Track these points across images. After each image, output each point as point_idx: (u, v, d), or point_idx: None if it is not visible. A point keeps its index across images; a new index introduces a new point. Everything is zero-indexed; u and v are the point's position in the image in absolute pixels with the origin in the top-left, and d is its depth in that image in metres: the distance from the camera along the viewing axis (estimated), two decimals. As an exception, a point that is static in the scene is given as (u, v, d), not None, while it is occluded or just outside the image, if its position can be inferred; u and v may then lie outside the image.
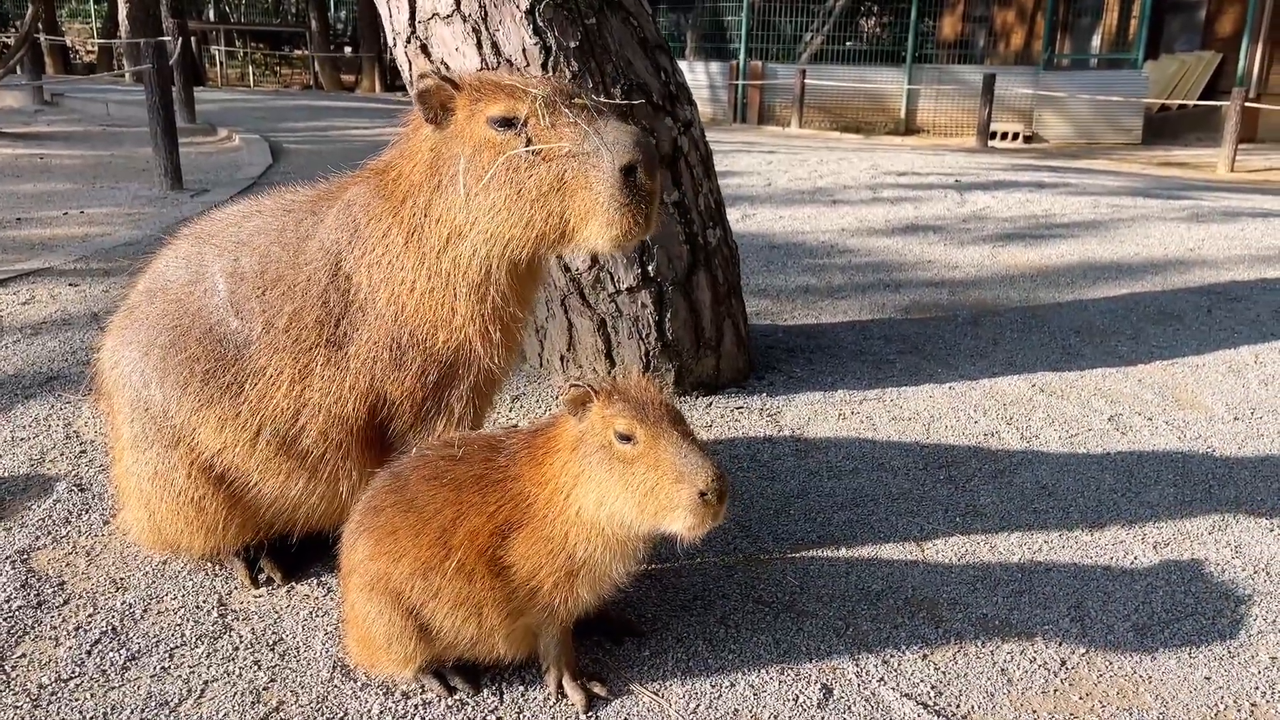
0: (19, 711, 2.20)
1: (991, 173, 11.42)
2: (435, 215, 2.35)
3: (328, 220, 2.48)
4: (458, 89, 2.31)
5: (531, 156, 2.23)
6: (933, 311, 5.64)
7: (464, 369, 2.44)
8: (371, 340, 2.40)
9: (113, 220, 7.87)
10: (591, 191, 2.22)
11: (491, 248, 2.34)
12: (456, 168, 2.30)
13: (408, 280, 2.38)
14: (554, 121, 2.22)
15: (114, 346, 2.62)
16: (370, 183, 2.48)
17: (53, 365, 4.38)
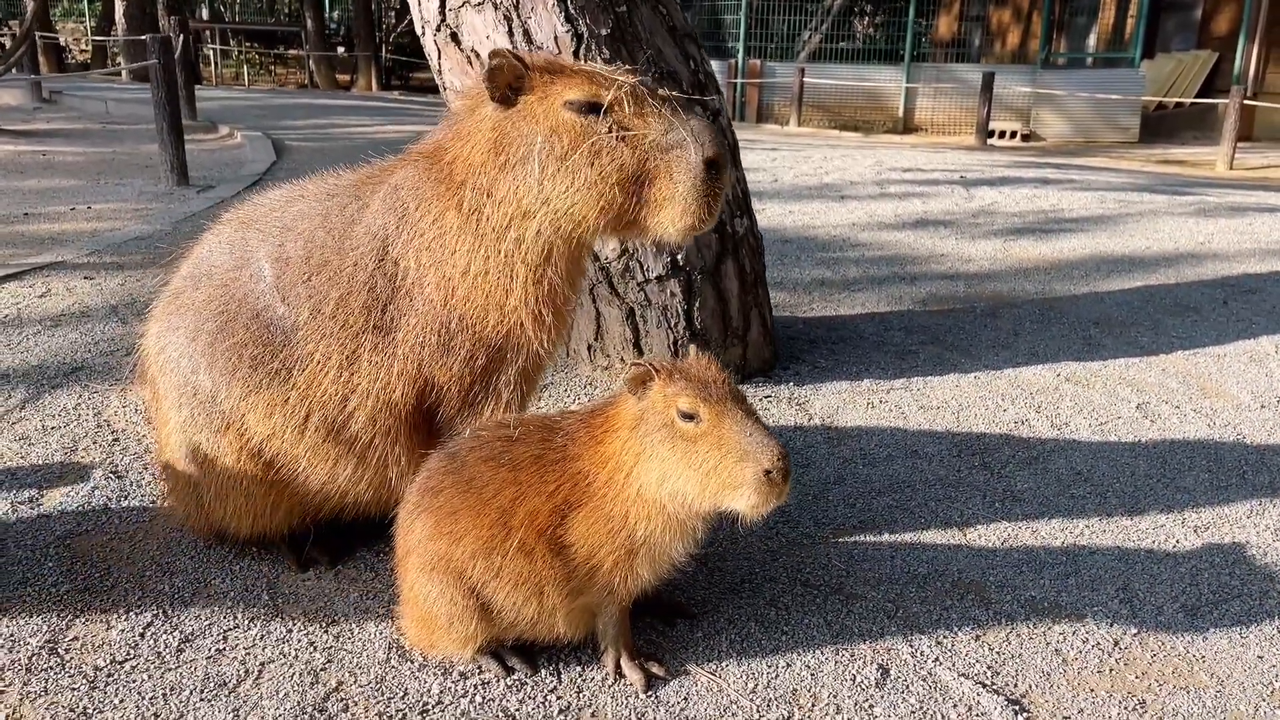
0: (76, 694, 2.19)
1: (995, 169, 11.45)
2: (500, 195, 2.33)
3: (374, 204, 2.46)
4: (528, 69, 2.31)
5: (615, 142, 2.24)
6: (950, 304, 5.65)
7: (513, 353, 2.42)
8: (419, 325, 2.38)
9: (120, 215, 7.83)
10: (673, 180, 2.25)
11: (558, 229, 2.33)
12: (528, 148, 2.28)
13: (461, 263, 2.36)
14: (640, 110, 2.24)
15: (159, 332, 2.60)
16: (418, 165, 2.47)
17: (76, 356, 4.35)
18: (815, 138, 16.44)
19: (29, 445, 3.44)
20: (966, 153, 14.67)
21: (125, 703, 2.16)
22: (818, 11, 23.12)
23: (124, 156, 11.42)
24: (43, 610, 2.49)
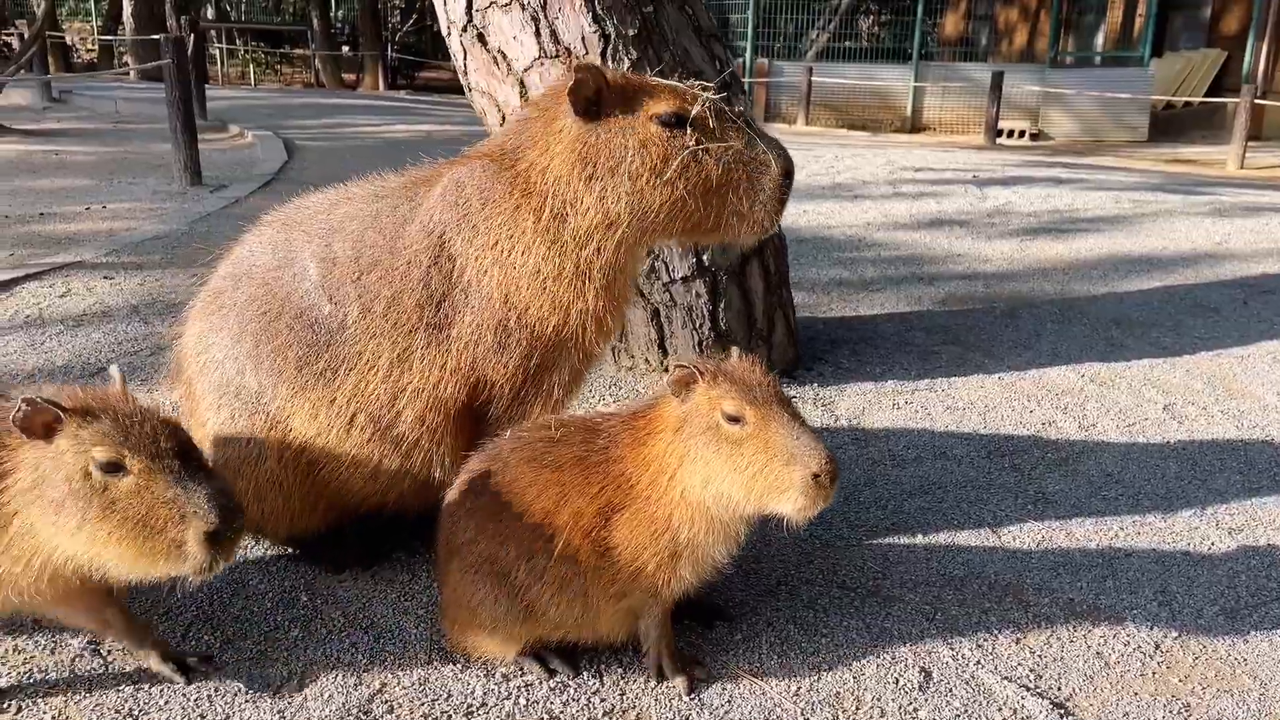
0: (121, 695, 2.19)
1: (1006, 169, 11.43)
2: (584, 205, 2.39)
3: (429, 203, 2.47)
4: (607, 84, 2.34)
5: (702, 154, 2.36)
6: (969, 304, 5.64)
7: (569, 352, 2.45)
8: (475, 323, 2.39)
9: (135, 215, 7.84)
10: (753, 190, 2.42)
11: (640, 236, 2.44)
12: (617, 160, 2.35)
13: (531, 265, 2.38)
14: (722, 124, 2.38)
15: (200, 333, 2.60)
16: (483, 167, 2.48)
17: (100, 356, 4.36)
18: (824, 137, 16.42)
19: (59, 446, 3.44)
20: (976, 152, 14.65)
21: (170, 704, 2.16)
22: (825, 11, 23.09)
23: (136, 156, 11.43)
24: (83, 611, 2.49)
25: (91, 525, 1.79)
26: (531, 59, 3.76)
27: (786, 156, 2.54)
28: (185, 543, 1.80)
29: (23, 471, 1.89)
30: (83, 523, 1.80)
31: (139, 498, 1.79)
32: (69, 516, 1.81)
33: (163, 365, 4.24)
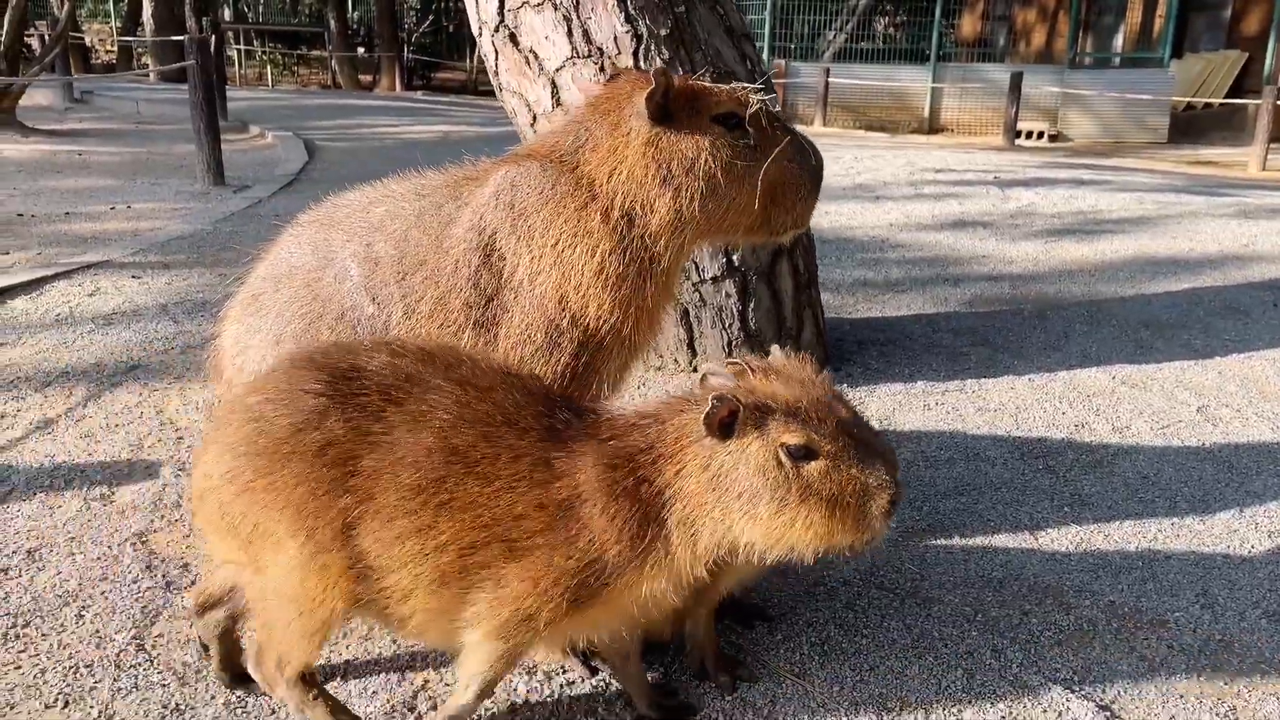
0: (167, 690, 2.20)
1: (1027, 170, 11.38)
2: (658, 205, 2.42)
3: (478, 202, 2.47)
4: (673, 88, 2.40)
5: (761, 152, 2.44)
6: (996, 305, 5.61)
7: (619, 349, 2.46)
8: (526, 322, 2.40)
9: (160, 215, 7.89)
10: (797, 186, 2.52)
11: (702, 236, 2.51)
12: (690, 160, 2.40)
13: (595, 264, 2.40)
14: (772, 123, 2.48)
15: (239, 334, 2.60)
16: (539, 167, 2.48)
17: (132, 354, 4.39)
18: (843, 138, 16.38)
19: (95, 443, 3.47)
20: (996, 153, 14.58)
21: (216, 699, 2.18)
22: (842, 11, 23.04)
23: (158, 156, 11.51)
24: (126, 607, 2.50)
25: (789, 511, 1.82)
26: (563, 59, 3.77)
27: (818, 152, 2.65)
28: (871, 515, 1.85)
29: (690, 470, 1.87)
30: (780, 510, 1.82)
31: (829, 478, 1.83)
32: (762, 506, 1.82)
33: (194, 364, 4.27)
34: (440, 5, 36.54)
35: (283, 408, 1.86)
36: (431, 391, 1.89)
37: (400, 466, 1.82)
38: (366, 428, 1.84)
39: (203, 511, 1.96)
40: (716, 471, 1.84)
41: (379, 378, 1.90)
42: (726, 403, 1.80)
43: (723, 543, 1.87)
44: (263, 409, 1.88)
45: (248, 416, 1.88)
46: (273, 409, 1.87)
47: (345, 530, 1.81)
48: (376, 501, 1.81)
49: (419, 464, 1.82)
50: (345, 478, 1.82)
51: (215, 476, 1.89)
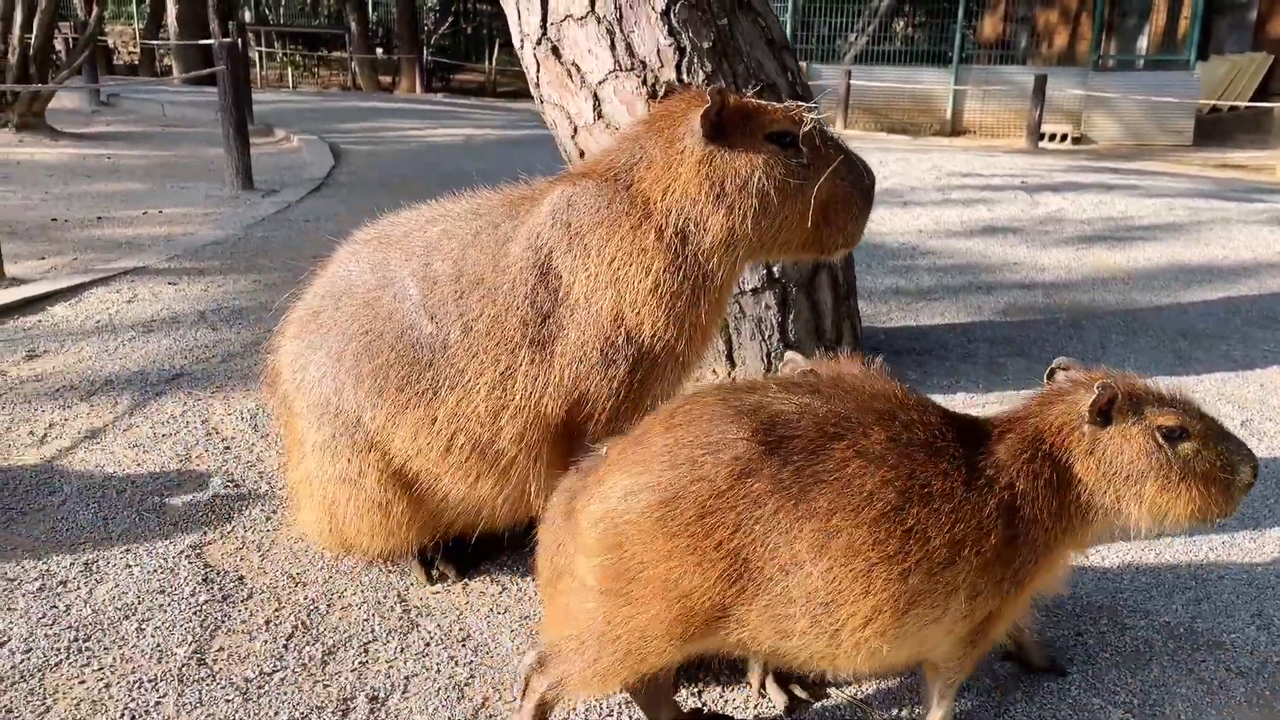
0: (230, 705, 2.23)
1: (1053, 174, 11.32)
2: (711, 224, 2.44)
3: (535, 221, 2.49)
4: (728, 106, 2.39)
5: (811, 172, 2.44)
6: (1030, 314, 5.59)
7: (672, 366, 2.47)
8: (581, 339, 2.41)
9: (191, 220, 7.95)
10: (849, 206, 2.53)
11: (754, 253, 2.53)
12: (744, 178, 2.42)
13: (650, 282, 2.41)
14: (825, 142, 2.45)
15: (298, 351, 2.62)
16: (594, 186, 2.50)
17: (174, 363, 4.42)
18: (865, 141, 16.34)
19: (144, 453, 3.50)
20: (1020, 156, 14.51)
21: (280, 714, 2.20)
22: (863, 13, 22.97)
23: (186, 160, 11.59)
24: (185, 620, 2.53)
25: (1172, 489, 1.98)
26: (606, 72, 3.78)
27: (871, 171, 2.66)
28: (1236, 487, 2.03)
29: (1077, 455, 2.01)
30: (1164, 488, 1.98)
31: (1201, 456, 1.99)
32: (1148, 485, 1.98)
33: (235, 372, 4.31)
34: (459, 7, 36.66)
35: (717, 454, 1.86)
36: (862, 423, 1.93)
37: (859, 500, 1.85)
38: (811, 468, 1.86)
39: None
40: (1101, 455, 1.99)
41: (805, 416, 1.92)
42: (1108, 390, 1.95)
43: (1112, 522, 2.04)
44: (693, 454, 1.88)
45: (676, 461, 1.88)
46: (707, 455, 1.87)
47: (784, 571, 1.85)
48: (839, 540, 1.84)
49: (877, 495, 1.86)
50: (798, 519, 1.84)
51: (628, 511, 1.90)
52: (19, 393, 4.02)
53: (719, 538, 1.83)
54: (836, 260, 2.74)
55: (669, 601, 1.87)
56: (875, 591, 1.85)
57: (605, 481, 1.95)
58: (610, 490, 1.92)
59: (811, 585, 1.85)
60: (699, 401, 1.99)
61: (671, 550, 1.85)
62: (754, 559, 1.84)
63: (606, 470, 1.97)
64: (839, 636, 1.88)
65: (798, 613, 1.86)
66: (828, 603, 1.85)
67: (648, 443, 1.94)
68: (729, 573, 1.84)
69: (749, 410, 1.92)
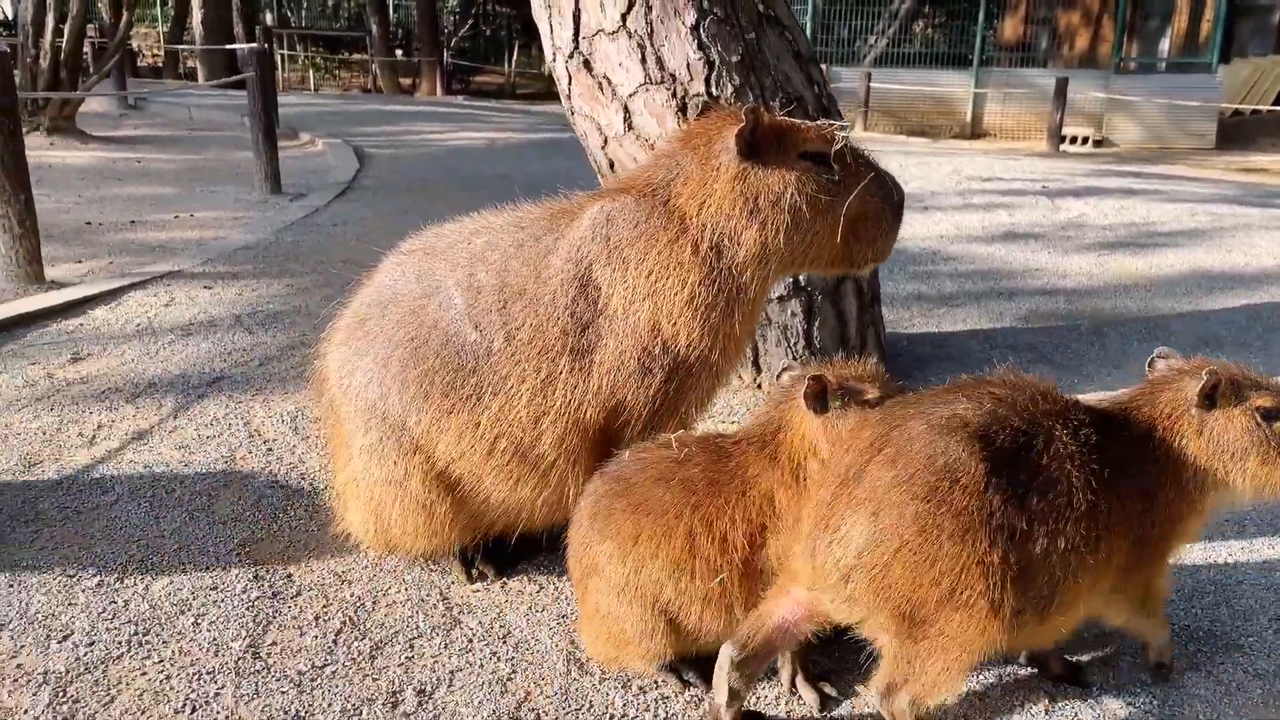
0: (286, 696, 2.33)
1: (1075, 178, 11.34)
2: (743, 239, 2.53)
3: (575, 234, 2.59)
4: (762, 124, 2.48)
5: (842, 189, 2.49)
6: (1052, 320, 5.65)
7: (706, 375, 2.56)
8: (619, 349, 2.51)
9: (222, 224, 8.11)
10: (879, 222, 2.63)
11: (786, 268, 2.60)
12: (777, 195, 2.51)
13: (685, 295, 2.51)
14: (855, 159, 2.49)
15: (346, 357, 2.73)
16: (633, 201, 2.60)
17: (214, 366, 4.55)
18: (885, 143, 16.37)
19: (190, 454, 3.62)
20: (1041, 159, 14.52)
21: (333, 706, 2.30)
22: (883, 15, 22.98)
23: (214, 163, 11.78)
24: (238, 615, 2.64)
25: (1272, 463, 2.23)
26: (636, 85, 3.87)
27: (900, 188, 2.75)
28: None
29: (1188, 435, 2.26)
30: (1264, 462, 2.23)
31: None
32: (1251, 461, 2.23)
33: (273, 375, 4.43)
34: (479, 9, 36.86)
35: (954, 476, 1.98)
36: (1046, 426, 2.09)
37: (1069, 499, 2.04)
38: (1025, 473, 2.03)
39: (856, 584, 2.06)
40: (1209, 435, 2.23)
41: (1004, 426, 2.05)
42: (1214, 376, 2.20)
43: (1222, 496, 2.30)
44: (929, 480, 1.99)
45: (916, 493, 1.99)
46: (944, 479, 1.98)
47: (1023, 573, 2.01)
48: (1064, 537, 2.03)
49: (1080, 493, 2.04)
50: (1031, 521, 2.00)
51: (883, 552, 2.01)
52: (66, 395, 4.15)
53: (981, 549, 1.96)
54: (864, 274, 2.83)
55: (965, 614, 1.99)
56: (1081, 584, 2.08)
57: (839, 529, 2.04)
58: (852, 537, 2.02)
59: (1040, 581, 2.04)
60: (898, 426, 2.08)
61: (941, 575, 1.98)
62: (1009, 562, 1.98)
63: (827, 517, 2.06)
64: (1049, 619, 2.10)
65: (1029, 604, 2.04)
66: (1047, 597, 2.06)
67: (872, 480, 2.04)
68: (1000, 579, 1.98)
69: (955, 427, 2.03)
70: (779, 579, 2.22)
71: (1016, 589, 2.00)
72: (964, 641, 2.03)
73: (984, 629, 2.01)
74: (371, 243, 2.87)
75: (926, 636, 2.05)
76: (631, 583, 2.28)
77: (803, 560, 2.11)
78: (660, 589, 2.27)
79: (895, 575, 2.01)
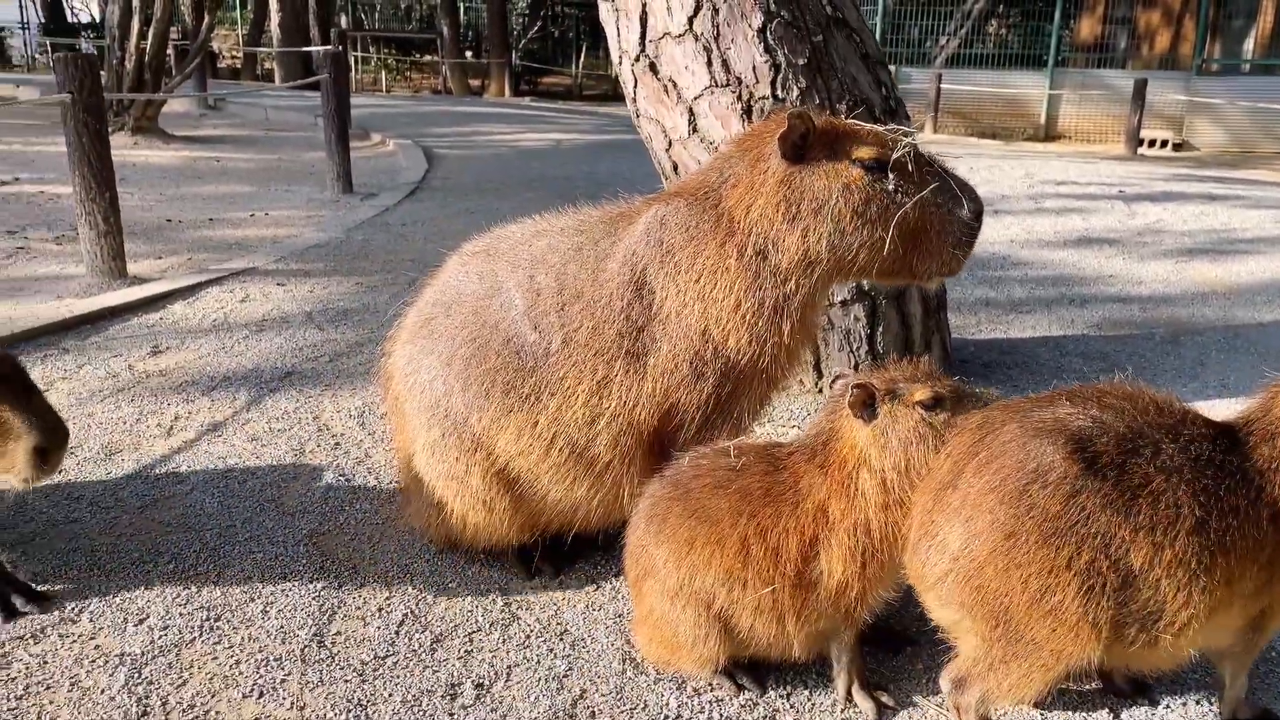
0: (349, 685, 2.39)
1: (1153, 183, 11.03)
2: (787, 245, 2.51)
3: (631, 238, 2.61)
4: (814, 127, 2.46)
5: (901, 197, 2.41)
6: (1126, 328, 5.50)
7: (758, 382, 2.56)
8: (673, 353, 2.52)
9: (295, 222, 8.32)
10: (944, 233, 2.53)
11: (836, 275, 2.56)
12: (821, 202, 2.47)
13: (732, 300, 2.50)
14: (919, 168, 2.42)
15: (411, 355, 2.79)
16: (684, 205, 2.61)
17: (285, 361, 4.68)
18: (954, 146, 16.09)
19: (261, 446, 3.73)
20: (1118, 163, 14.15)
21: (393, 696, 2.35)
22: (955, 15, 22.60)
23: (289, 163, 12.08)
24: (305, 605, 2.72)
25: None
26: (702, 88, 3.88)
27: (977, 199, 2.64)
28: None
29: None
30: None
31: None
32: None
33: (342, 371, 4.54)
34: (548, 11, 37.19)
35: (1044, 479, 1.97)
36: (1154, 438, 2.01)
37: (1173, 515, 1.96)
38: (1125, 482, 1.97)
39: (951, 588, 2.08)
40: None
41: (1106, 432, 2.01)
42: None
43: None
44: (1020, 485, 1.98)
45: (1005, 496, 1.99)
46: (1034, 483, 1.97)
47: (1123, 583, 1.97)
48: (1171, 550, 1.95)
49: (1185, 509, 1.96)
50: (1129, 531, 1.95)
51: (976, 556, 2.02)
52: (146, 386, 4.31)
53: (1069, 555, 1.94)
54: (932, 288, 2.75)
55: (1054, 621, 1.97)
56: (1193, 602, 1.96)
57: (937, 534, 2.06)
58: (948, 542, 2.04)
59: (1144, 595, 1.96)
60: (995, 430, 2.07)
61: (1029, 579, 1.96)
62: (1101, 570, 1.94)
63: (926, 524, 2.09)
64: (1159, 638, 2.01)
65: (1132, 618, 1.98)
66: (1153, 612, 1.98)
67: (966, 485, 2.04)
68: (1093, 587, 1.95)
69: (1052, 430, 2.00)
70: None
71: (1115, 600, 1.95)
72: (1053, 649, 2.00)
73: (1076, 637, 1.97)
74: (439, 242, 2.92)
75: (1014, 641, 2.03)
76: (685, 588, 2.29)
77: (909, 562, 2.14)
78: (713, 596, 2.27)
79: (987, 578, 2.00)
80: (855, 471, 2.25)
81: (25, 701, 2.31)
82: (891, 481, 2.21)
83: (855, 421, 2.24)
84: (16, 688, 2.35)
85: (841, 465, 2.28)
